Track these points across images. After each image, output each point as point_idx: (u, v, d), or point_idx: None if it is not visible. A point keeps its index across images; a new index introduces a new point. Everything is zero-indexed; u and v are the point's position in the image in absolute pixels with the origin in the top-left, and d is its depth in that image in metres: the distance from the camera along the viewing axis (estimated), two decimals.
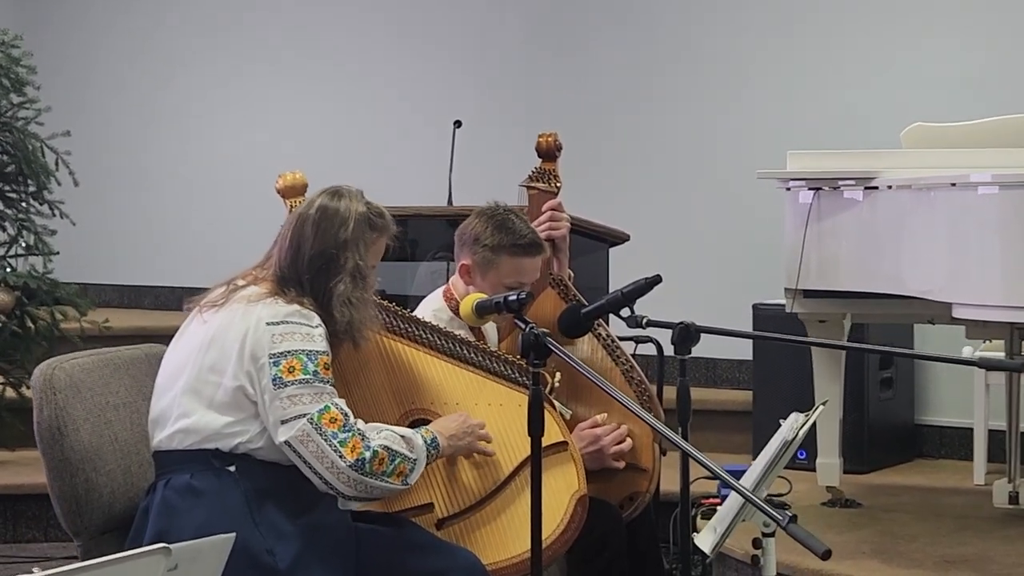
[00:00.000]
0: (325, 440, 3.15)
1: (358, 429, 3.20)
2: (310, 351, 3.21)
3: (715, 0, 6.78)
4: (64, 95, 7.53)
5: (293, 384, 3.18)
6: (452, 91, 7.41)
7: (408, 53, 7.64)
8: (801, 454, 5.42)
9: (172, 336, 3.43)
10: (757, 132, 6.58)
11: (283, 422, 3.17)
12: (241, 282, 3.36)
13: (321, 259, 3.32)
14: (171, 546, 2.13)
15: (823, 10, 6.52)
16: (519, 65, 7.32)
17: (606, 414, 3.88)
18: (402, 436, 3.27)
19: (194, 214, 8.31)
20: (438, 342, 3.59)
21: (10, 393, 6.07)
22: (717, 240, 6.73)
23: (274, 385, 3.18)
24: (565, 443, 3.50)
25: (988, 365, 3.28)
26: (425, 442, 3.31)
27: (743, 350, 6.33)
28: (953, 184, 4.44)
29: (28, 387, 5.44)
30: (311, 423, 3.16)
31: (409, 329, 3.59)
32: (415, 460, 3.26)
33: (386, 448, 3.21)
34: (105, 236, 8.35)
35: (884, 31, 6.37)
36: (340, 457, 3.15)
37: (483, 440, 3.45)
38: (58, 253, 6.26)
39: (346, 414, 3.20)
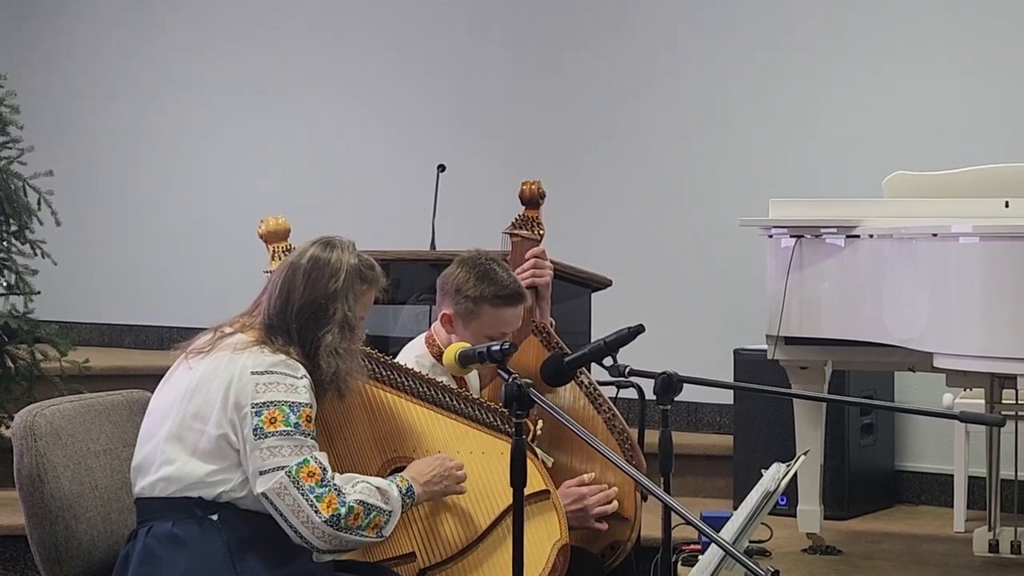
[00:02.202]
0: (302, 494, 3.15)
1: (335, 484, 3.19)
2: (293, 403, 3.21)
3: (696, 47, 6.81)
4: (47, 135, 7.53)
5: (274, 435, 3.17)
6: (436, 135, 7.43)
7: (393, 97, 7.66)
8: (782, 500, 5.40)
9: (152, 376, 3.44)
10: (739, 179, 6.61)
11: (261, 473, 3.16)
12: (228, 329, 3.36)
13: (310, 309, 3.32)
14: None
15: (805, 58, 6.55)
16: (503, 111, 7.35)
17: (594, 473, 3.86)
18: (377, 488, 3.26)
19: (175, 254, 8.31)
20: (421, 389, 3.59)
21: None
22: (699, 285, 6.74)
23: (255, 435, 3.17)
24: (547, 492, 3.49)
25: (968, 419, 3.28)
26: (400, 492, 3.30)
27: (724, 395, 6.35)
28: (934, 234, 4.47)
29: (7, 427, 5.42)
30: (289, 476, 3.15)
31: (392, 376, 3.58)
32: (390, 512, 3.25)
33: (361, 503, 3.20)
34: (86, 275, 8.35)
35: (866, 79, 6.40)
36: (316, 512, 3.14)
37: (460, 481, 3.43)
38: (39, 293, 6.24)
39: (324, 468, 3.19)
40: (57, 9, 8.84)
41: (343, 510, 3.16)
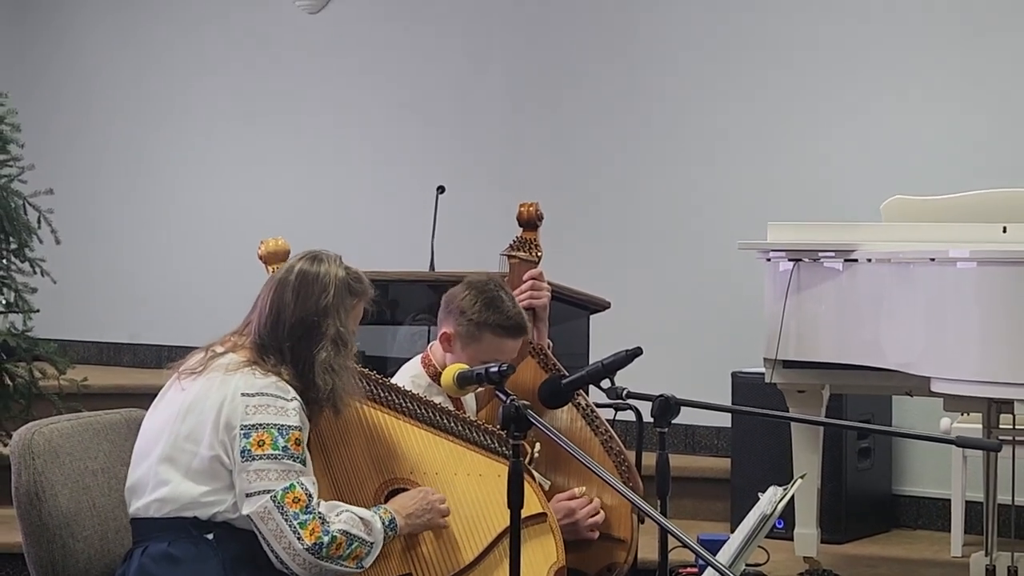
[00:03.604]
0: (285, 520, 3.15)
1: (319, 512, 3.19)
2: (282, 426, 3.21)
3: (695, 68, 6.83)
4: (48, 153, 7.54)
5: (261, 458, 3.17)
6: (436, 157, 7.44)
7: (393, 118, 7.67)
8: (779, 523, 5.39)
9: (150, 395, 3.43)
10: (738, 202, 6.62)
11: (248, 495, 3.17)
12: (219, 348, 3.35)
13: (302, 327, 3.32)
14: None
15: (804, 82, 6.56)
16: (502, 133, 7.36)
17: (584, 487, 3.88)
18: (361, 519, 3.26)
19: (175, 273, 8.31)
20: (418, 411, 3.59)
21: None
22: (697, 307, 6.74)
23: (242, 457, 3.18)
24: (544, 514, 3.49)
25: (965, 444, 3.28)
26: (383, 524, 3.30)
27: (722, 418, 6.34)
28: (932, 259, 4.47)
29: (5, 445, 5.41)
30: (273, 501, 3.15)
31: (389, 398, 3.58)
32: (372, 544, 3.26)
33: (345, 532, 3.20)
34: (85, 294, 8.34)
35: (865, 103, 6.41)
36: (298, 539, 3.14)
37: (443, 515, 3.43)
38: (38, 311, 6.25)
39: (310, 495, 3.19)
40: (63, 29, 8.86)
41: (325, 539, 3.16)
